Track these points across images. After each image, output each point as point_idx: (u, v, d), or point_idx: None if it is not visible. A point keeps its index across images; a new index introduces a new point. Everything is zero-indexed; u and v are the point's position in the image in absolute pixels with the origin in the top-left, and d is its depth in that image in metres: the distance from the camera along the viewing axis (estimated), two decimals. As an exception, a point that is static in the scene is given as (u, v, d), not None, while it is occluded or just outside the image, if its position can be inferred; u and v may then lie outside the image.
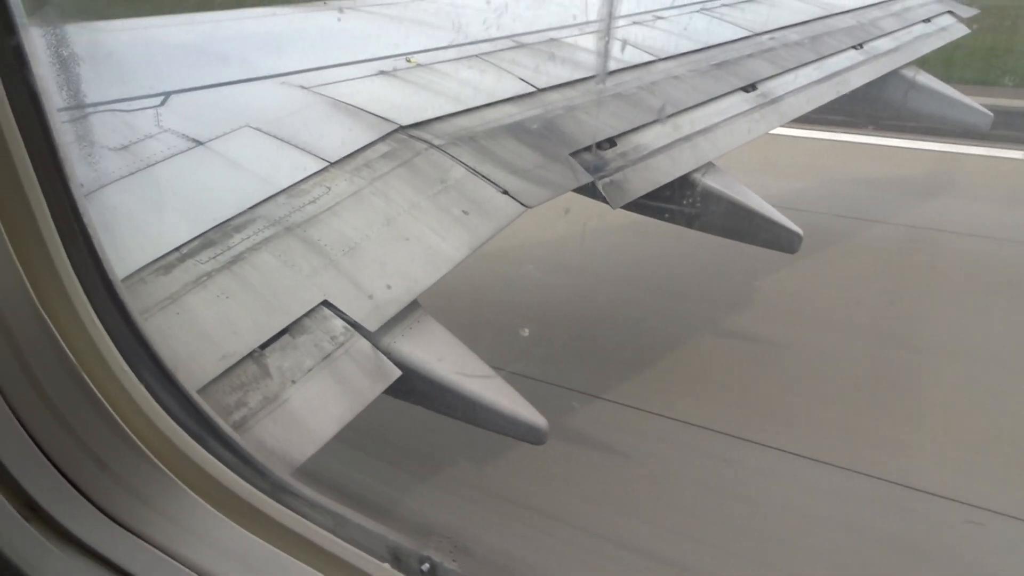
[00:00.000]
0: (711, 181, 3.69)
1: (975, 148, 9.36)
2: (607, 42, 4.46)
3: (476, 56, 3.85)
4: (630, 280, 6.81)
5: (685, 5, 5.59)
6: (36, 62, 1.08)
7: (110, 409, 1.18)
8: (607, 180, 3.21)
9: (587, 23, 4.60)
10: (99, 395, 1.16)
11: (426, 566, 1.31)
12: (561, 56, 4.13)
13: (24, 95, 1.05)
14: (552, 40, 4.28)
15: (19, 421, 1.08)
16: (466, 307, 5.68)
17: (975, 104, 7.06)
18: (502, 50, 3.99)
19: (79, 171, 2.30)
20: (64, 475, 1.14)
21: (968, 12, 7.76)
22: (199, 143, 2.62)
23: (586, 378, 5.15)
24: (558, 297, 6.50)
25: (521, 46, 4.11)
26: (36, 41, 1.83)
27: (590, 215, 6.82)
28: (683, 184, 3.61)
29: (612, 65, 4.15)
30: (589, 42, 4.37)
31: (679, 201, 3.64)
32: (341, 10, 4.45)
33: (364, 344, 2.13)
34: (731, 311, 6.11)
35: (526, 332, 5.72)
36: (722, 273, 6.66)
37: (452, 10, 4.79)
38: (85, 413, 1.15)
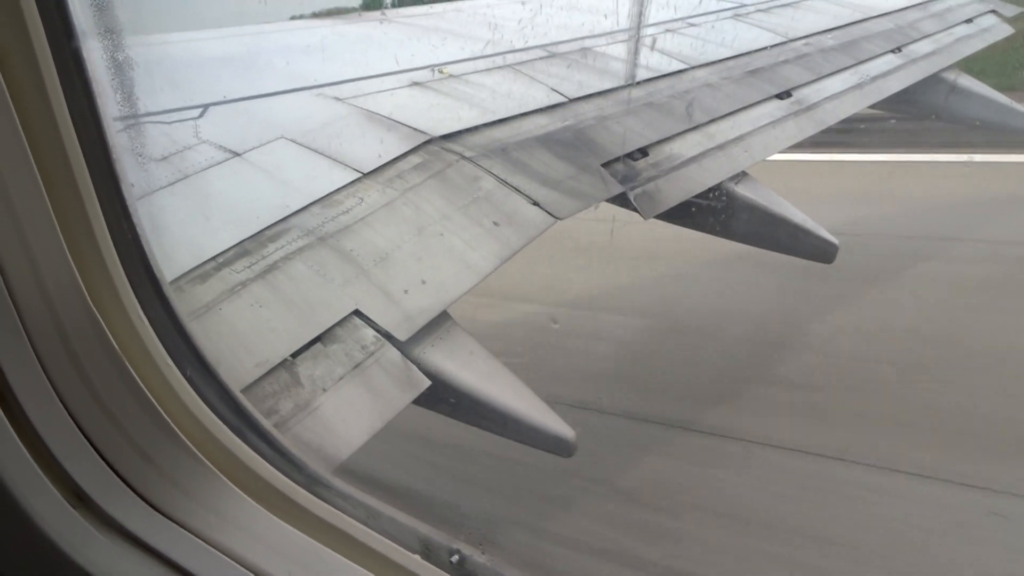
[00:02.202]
0: (744, 190, 3.66)
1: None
2: (639, 51, 4.45)
3: (508, 66, 3.87)
4: (699, 300, 6.71)
5: (718, 11, 5.55)
6: (93, 67, 1.12)
7: (156, 404, 1.22)
8: (639, 190, 3.20)
9: (619, 31, 4.60)
10: (145, 390, 1.21)
11: (455, 558, 1.33)
12: (593, 65, 4.13)
13: (81, 98, 1.09)
14: (584, 49, 4.29)
15: (70, 415, 1.13)
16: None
17: (1020, 107, 6.89)
18: (534, 60, 4.00)
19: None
20: (111, 467, 1.19)
21: (1012, 11, 7.58)
22: (236, 154, 2.67)
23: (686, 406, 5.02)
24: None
25: (553, 56, 4.13)
26: (94, 48, 1.89)
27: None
28: (716, 193, 3.59)
29: (644, 74, 4.14)
30: (621, 51, 4.37)
31: (712, 211, 3.61)
32: (378, 21, 4.51)
33: (394, 353, 2.15)
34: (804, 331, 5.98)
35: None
36: (785, 289, 6.55)
37: (484, 20, 4.82)
38: (132, 408, 1.20)
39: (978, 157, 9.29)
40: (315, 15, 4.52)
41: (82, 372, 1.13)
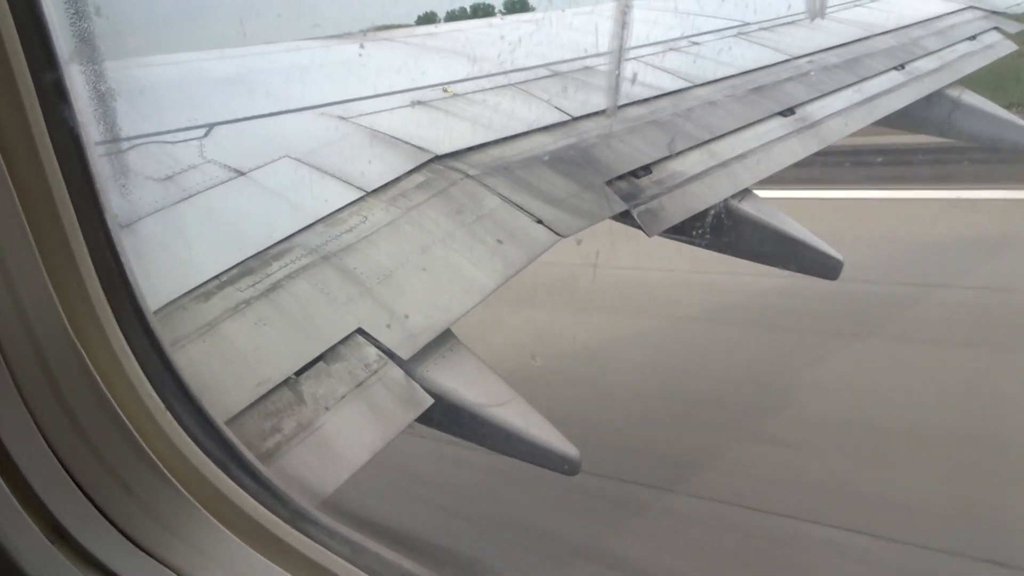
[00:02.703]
0: (748, 207, 3.65)
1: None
2: (642, 69, 4.47)
3: (511, 85, 3.89)
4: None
5: (721, 30, 5.58)
6: (76, 97, 1.13)
7: (137, 436, 1.21)
8: (642, 208, 3.20)
9: (622, 50, 4.62)
10: (127, 422, 1.20)
11: None
12: (596, 84, 4.15)
13: (64, 128, 1.09)
14: (587, 68, 4.31)
15: (49, 446, 1.11)
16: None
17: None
18: (537, 79, 4.02)
19: (126, 202, 2.38)
20: (91, 499, 1.17)
21: (1016, 28, 7.59)
22: (240, 173, 2.68)
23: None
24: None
25: (556, 75, 4.14)
26: (77, 77, 1.90)
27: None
28: (720, 210, 3.59)
29: (647, 92, 4.15)
30: (624, 69, 4.38)
31: (716, 227, 3.61)
32: (383, 40, 4.54)
33: (397, 372, 2.14)
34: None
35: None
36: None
37: (488, 39, 4.85)
38: (113, 440, 1.19)
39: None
40: (363, 32, 4.55)
41: (63, 403, 1.11)
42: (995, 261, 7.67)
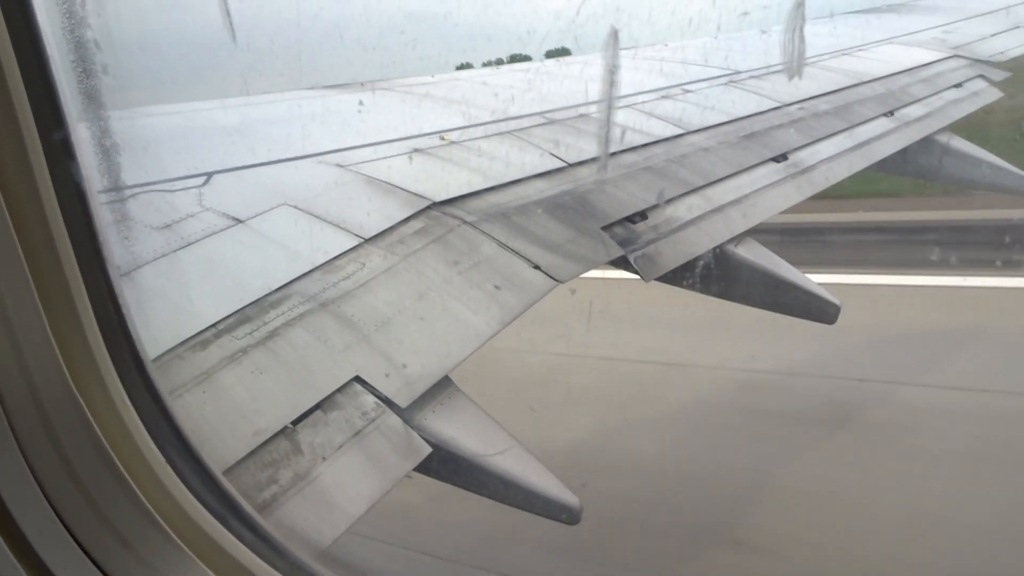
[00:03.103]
0: (745, 252, 3.67)
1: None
2: (636, 116, 4.53)
3: (507, 133, 3.94)
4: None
5: (713, 78, 5.67)
6: (80, 150, 1.14)
7: (136, 488, 1.19)
8: (639, 253, 3.21)
9: (616, 98, 4.70)
10: (125, 474, 1.18)
11: None
12: (591, 131, 4.20)
13: (69, 180, 1.10)
14: (582, 116, 4.37)
15: (46, 496, 1.10)
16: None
17: (1013, 167, 6.98)
18: (533, 126, 4.07)
19: (124, 251, 2.38)
20: (87, 552, 1.15)
21: (1000, 76, 7.74)
22: (239, 221, 2.69)
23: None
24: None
25: (552, 122, 4.20)
26: (82, 130, 1.92)
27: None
28: (716, 255, 3.61)
29: (641, 139, 4.20)
30: (618, 117, 4.45)
31: (713, 272, 3.62)
32: (381, 90, 4.60)
33: (395, 420, 2.12)
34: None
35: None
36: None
37: (484, 88, 4.92)
38: (111, 492, 1.17)
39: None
40: (362, 82, 4.61)
41: (62, 454, 1.10)
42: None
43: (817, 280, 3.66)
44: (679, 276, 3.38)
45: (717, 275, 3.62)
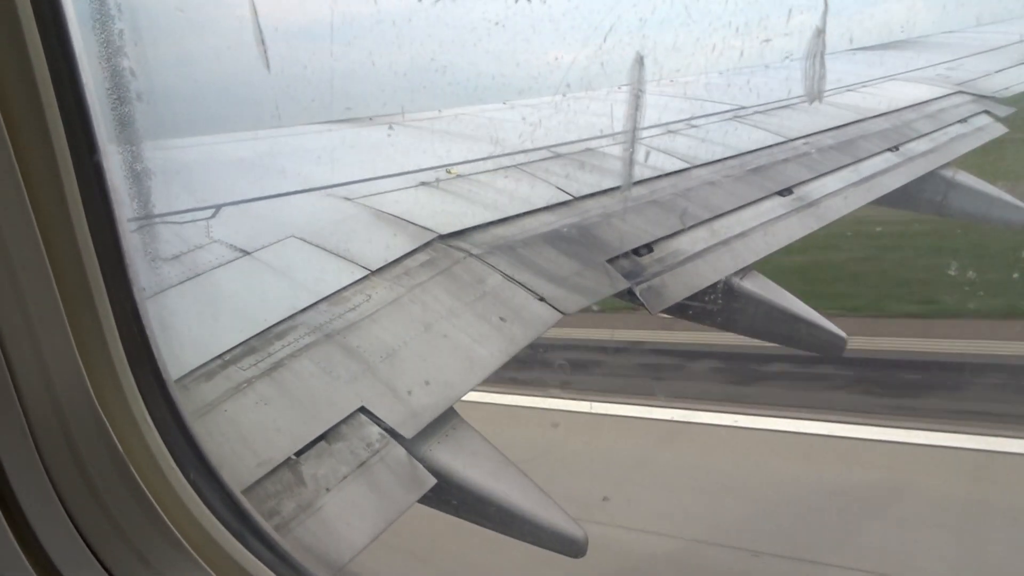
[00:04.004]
0: (750, 285, 3.68)
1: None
2: (642, 151, 4.58)
3: (514, 166, 3.97)
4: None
5: (719, 113, 5.73)
6: (113, 176, 1.16)
7: (158, 509, 1.20)
8: (644, 286, 3.22)
9: (622, 132, 4.74)
10: (148, 495, 1.19)
11: None
12: (596, 165, 4.24)
13: (99, 205, 1.12)
14: (588, 150, 4.41)
15: (71, 519, 1.10)
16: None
17: (1019, 202, 6.98)
18: (539, 160, 4.11)
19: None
20: (108, 571, 1.15)
21: (1005, 111, 7.79)
22: (246, 253, 2.72)
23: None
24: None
25: (557, 156, 4.24)
26: (114, 158, 1.96)
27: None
28: (722, 288, 3.61)
29: (647, 173, 4.24)
30: (624, 151, 4.49)
31: (718, 305, 3.62)
32: (388, 126, 4.67)
33: (400, 451, 2.12)
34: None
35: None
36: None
37: (491, 123, 4.98)
38: (134, 512, 1.17)
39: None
40: (370, 117, 4.67)
41: (85, 474, 1.11)
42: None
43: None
44: (684, 309, 3.38)
45: (722, 308, 3.62)
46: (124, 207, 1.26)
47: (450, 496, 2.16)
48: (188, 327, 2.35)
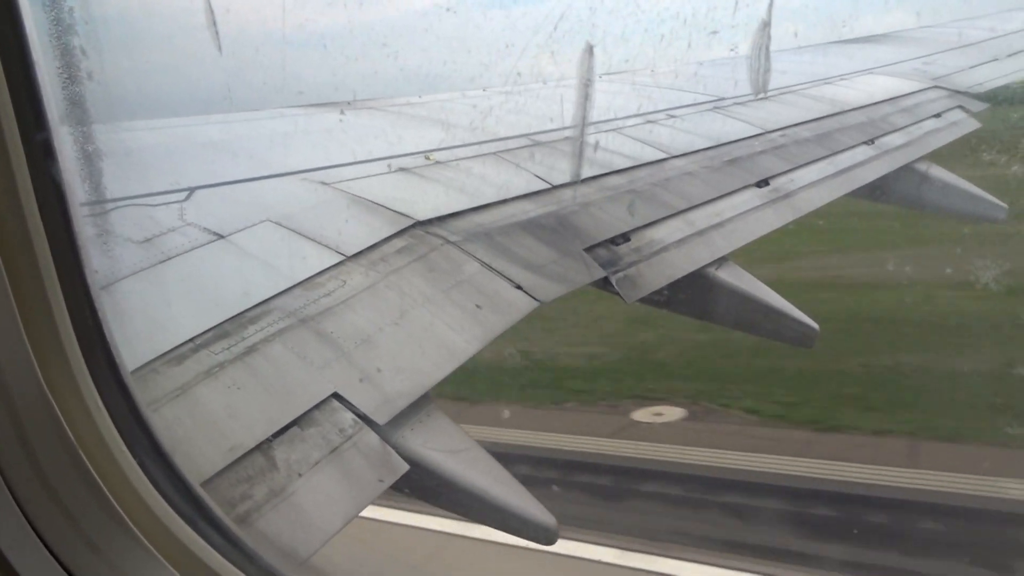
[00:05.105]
0: (725, 275, 3.70)
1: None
2: (621, 140, 4.58)
3: (492, 154, 3.96)
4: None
5: (698, 104, 5.74)
6: (64, 158, 1.14)
7: (111, 497, 1.18)
8: (621, 275, 3.23)
9: (602, 122, 4.74)
10: (99, 480, 1.17)
11: None
12: (576, 154, 4.24)
13: (49, 187, 1.10)
14: (567, 138, 4.40)
15: (17, 503, 1.08)
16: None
17: (990, 196, 7.08)
18: (518, 148, 4.10)
19: (102, 264, 2.37)
20: (58, 560, 1.13)
21: (979, 107, 7.88)
22: (220, 236, 2.69)
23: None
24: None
25: (537, 144, 4.23)
26: (66, 138, 1.92)
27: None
28: (697, 278, 3.63)
29: (626, 162, 4.24)
30: (603, 140, 4.49)
31: (694, 294, 3.64)
32: (368, 110, 4.62)
33: (373, 437, 2.11)
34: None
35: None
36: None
37: (470, 109, 4.96)
38: (84, 498, 1.16)
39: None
40: (348, 101, 4.60)
41: (36, 464, 1.09)
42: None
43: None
44: (660, 298, 3.40)
45: (697, 297, 3.64)
46: (77, 190, 1.24)
47: (423, 483, 2.16)
48: (158, 311, 2.33)
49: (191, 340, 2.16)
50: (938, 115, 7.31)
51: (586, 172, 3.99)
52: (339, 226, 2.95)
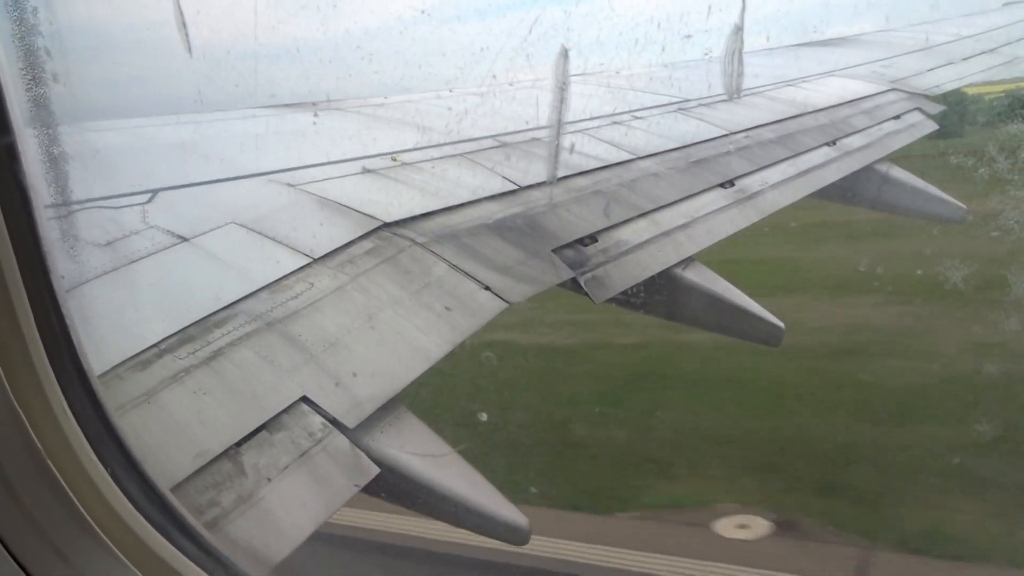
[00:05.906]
0: (693, 275, 3.74)
1: None
2: (587, 141, 4.60)
3: (459, 155, 3.96)
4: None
5: (663, 105, 5.79)
6: (28, 160, 1.12)
7: (76, 502, 1.16)
8: (589, 276, 3.25)
9: (568, 123, 4.76)
10: (65, 486, 1.15)
11: None
12: (542, 155, 4.25)
13: (13, 190, 1.08)
14: (534, 139, 4.41)
15: None
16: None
17: (950, 197, 7.24)
18: (485, 149, 4.10)
19: (63, 267, 2.32)
20: (23, 567, 1.11)
21: (936, 108, 8.06)
22: (184, 239, 2.65)
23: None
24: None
25: (504, 145, 4.24)
26: (30, 140, 1.88)
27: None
28: (665, 278, 3.66)
29: (592, 163, 4.26)
30: (570, 141, 4.51)
31: (661, 295, 3.67)
32: (334, 110, 4.59)
33: (342, 441, 2.10)
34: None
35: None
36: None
37: (436, 110, 4.95)
38: (50, 504, 1.14)
39: None
40: (315, 102, 4.55)
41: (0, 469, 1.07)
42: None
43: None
44: (628, 298, 3.42)
45: (665, 297, 3.68)
46: (41, 192, 1.21)
47: (394, 486, 2.15)
48: (121, 315, 2.29)
49: (156, 345, 2.12)
50: (897, 117, 7.46)
51: (554, 173, 4.00)
52: (306, 228, 2.93)
